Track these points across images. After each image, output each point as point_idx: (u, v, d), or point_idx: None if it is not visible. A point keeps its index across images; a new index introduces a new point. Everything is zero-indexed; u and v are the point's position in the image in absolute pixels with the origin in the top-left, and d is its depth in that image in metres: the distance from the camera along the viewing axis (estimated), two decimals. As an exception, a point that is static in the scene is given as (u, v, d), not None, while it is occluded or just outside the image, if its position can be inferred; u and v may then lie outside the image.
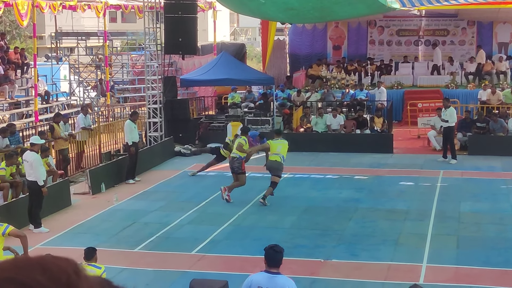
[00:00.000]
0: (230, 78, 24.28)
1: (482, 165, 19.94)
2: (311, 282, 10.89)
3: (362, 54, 32.90)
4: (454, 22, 32.58)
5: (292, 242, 12.95)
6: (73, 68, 31.71)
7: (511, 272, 11.24)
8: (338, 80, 29.00)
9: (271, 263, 7.18)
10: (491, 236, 13.22)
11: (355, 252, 12.38)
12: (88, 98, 30.46)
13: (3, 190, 15.18)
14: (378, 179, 18.61)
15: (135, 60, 35.13)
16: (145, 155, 20.15)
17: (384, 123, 23.73)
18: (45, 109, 27.22)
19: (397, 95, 28.46)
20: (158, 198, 16.86)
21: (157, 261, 12.03)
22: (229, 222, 14.44)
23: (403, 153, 22.28)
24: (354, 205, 15.82)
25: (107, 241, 13.27)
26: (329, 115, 23.47)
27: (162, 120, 23.02)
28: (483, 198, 16.25)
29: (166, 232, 13.85)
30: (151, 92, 23.20)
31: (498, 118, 22.21)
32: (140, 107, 28.17)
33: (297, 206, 15.70)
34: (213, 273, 11.02)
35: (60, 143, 18.95)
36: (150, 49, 23.42)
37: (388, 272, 11.28)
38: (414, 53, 32.48)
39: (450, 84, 28.78)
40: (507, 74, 29.55)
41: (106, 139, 22.17)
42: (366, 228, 13.93)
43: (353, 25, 33.39)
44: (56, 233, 13.90)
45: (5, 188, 15.16)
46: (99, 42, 33.89)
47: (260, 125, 23.71)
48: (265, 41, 32.33)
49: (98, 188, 17.57)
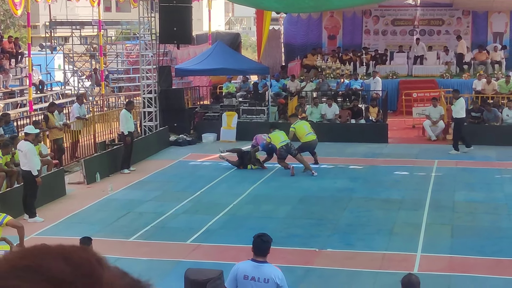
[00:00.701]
0: (225, 68, 24.23)
1: (476, 155, 19.97)
2: (306, 271, 10.92)
3: (357, 43, 32.88)
4: (449, 11, 32.57)
5: (287, 232, 12.99)
6: (68, 58, 31.63)
7: (505, 261, 11.28)
8: (333, 70, 28.99)
9: (258, 252, 7.19)
10: (485, 226, 13.26)
11: (350, 242, 12.41)
12: (82, 87, 30.40)
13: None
14: (373, 169, 18.63)
15: (130, 50, 35.03)
16: (140, 145, 20.14)
17: (379, 113, 23.74)
18: (39, 98, 27.16)
19: (392, 85, 28.46)
20: (153, 187, 16.86)
21: (152, 250, 12.04)
22: (224, 212, 14.46)
23: (398, 142, 22.31)
24: (349, 194, 15.84)
25: (102, 230, 13.28)
26: (324, 105, 23.47)
27: (157, 110, 22.99)
28: (477, 187, 16.28)
29: (161, 222, 13.86)
30: (145, 81, 23.15)
31: (492, 108, 22.23)
32: (134, 96, 28.13)
33: (292, 196, 15.72)
34: (208, 262, 11.03)
35: (54, 133, 18.91)
36: (145, 38, 23.36)
37: (383, 262, 11.31)
38: (409, 43, 32.46)
39: (445, 74, 28.78)
40: (502, 64, 29.57)
41: (100, 129, 22.14)
42: (360, 218, 13.96)
43: (348, 14, 33.35)
44: (51, 223, 13.90)
45: (0, 177, 15.13)
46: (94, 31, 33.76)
47: (255, 115, 23.69)
48: (260, 31, 32.25)
49: (93, 177, 17.56)
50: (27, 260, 1.04)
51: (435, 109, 22.58)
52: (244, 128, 22.83)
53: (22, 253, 1.06)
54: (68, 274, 1.01)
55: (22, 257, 1.05)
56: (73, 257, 1.05)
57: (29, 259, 1.04)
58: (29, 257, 1.04)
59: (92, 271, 1.04)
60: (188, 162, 19.97)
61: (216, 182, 17.32)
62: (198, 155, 20.82)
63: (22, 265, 1.03)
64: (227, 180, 17.62)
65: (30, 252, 1.06)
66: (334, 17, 33.59)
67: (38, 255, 1.05)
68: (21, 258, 1.04)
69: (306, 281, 10.53)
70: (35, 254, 1.05)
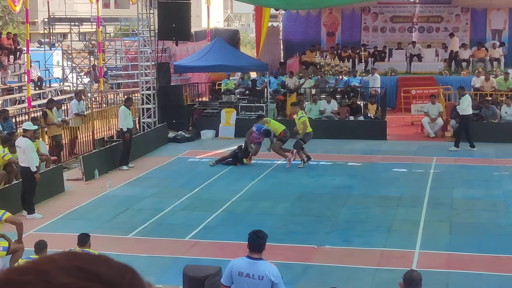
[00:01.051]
0: (223, 65, 24.23)
1: (475, 152, 19.98)
2: (304, 268, 10.93)
3: (356, 40, 32.86)
4: (448, 8, 32.57)
5: (286, 229, 13.00)
6: (66, 54, 31.59)
7: (503, 258, 11.29)
8: (332, 67, 28.97)
9: (253, 248, 7.19)
10: (483, 223, 13.27)
11: (348, 239, 12.42)
12: (81, 84, 30.38)
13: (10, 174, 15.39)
14: (371, 166, 18.64)
15: (129, 46, 35.01)
16: (138, 141, 20.13)
17: (377, 110, 23.75)
18: (38, 95, 27.14)
19: (391, 81, 28.47)
20: (152, 184, 16.86)
21: (150, 247, 12.05)
22: (223, 209, 14.47)
23: (396, 139, 22.31)
24: (347, 191, 15.85)
25: (101, 227, 13.28)
26: (323, 101, 23.47)
27: (156, 106, 22.99)
28: (476, 184, 16.30)
29: (159, 218, 13.87)
30: (144, 78, 23.14)
31: (490, 105, 22.24)
32: (133, 93, 28.11)
33: (291, 193, 15.73)
34: (206, 259, 11.04)
35: (53, 129, 18.90)
36: (144, 35, 23.34)
37: (381, 258, 11.32)
38: (408, 40, 32.44)
39: (444, 71, 28.79)
40: (501, 61, 29.58)
41: (99, 125, 22.13)
42: (359, 215, 13.97)
43: (347, 11, 33.34)
44: (49, 219, 13.90)
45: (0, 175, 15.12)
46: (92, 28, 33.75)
47: (254, 112, 23.68)
48: (259, 28, 32.25)
49: (92, 174, 17.56)
50: (76, 261, 1.07)
51: (434, 106, 22.58)
52: (242, 125, 22.76)
53: (65, 256, 1.09)
54: (114, 277, 1.06)
55: (68, 258, 1.08)
56: (114, 264, 1.09)
57: (77, 261, 1.07)
58: (76, 259, 1.08)
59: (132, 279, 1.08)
60: (187, 158, 19.98)
61: (215, 178, 17.32)
62: (197, 152, 20.82)
63: (72, 266, 1.06)
64: (225, 177, 17.63)
65: (73, 255, 1.10)
66: (333, 14, 33.57)
67: (82, 257, 1.09)
68: (68, 260, 1.08)
69: (305, 277, 10.54)
70: (79, 257, 1.09)
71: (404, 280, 7.12)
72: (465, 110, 20.31)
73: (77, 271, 1.05)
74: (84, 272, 1.05)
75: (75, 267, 1.05)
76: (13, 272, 1.05)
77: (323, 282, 10.03)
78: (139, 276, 1.09)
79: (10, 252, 10.48)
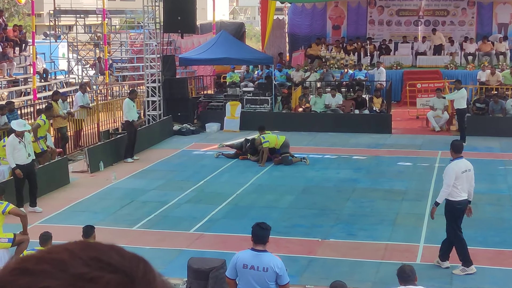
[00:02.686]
0: (229, 57, 24.21)
1: (480, 146, 19.94)
2: (309, 261, 10.95)
3: (361, 34, 32.78)
4: (454, 2, 32.45)
5: (290, 222, 13.01)
6: (72, 46, 31.62)
7: (508, 252, 11.30)
8: (337, 60, 28.91)
9: (257, 240, 7.21)
10: (488, 217, 13.27)
11: (353, 232, 12.43)
12: (86, 76, 30.40)
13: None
14: (376, 159, 18.63)
15: (134, 39, 35.02)
16: (143, 134, 20.14)
17: (383, 104, 23.72)
18: (43, 87, 27.17)
19: (396, 75, 28.42)
20: (157, 177, 16.89)
21: (155, 239, 12.08)
22: (227, 202, 14.49)
23: (401, 133, 22.29)
24: (352, 185, 15.85)
25: (106, 219, 13.32)
26: (328, 95, 23.44)
27: (161, 99, 23.00)
28: (480, 178, 16.17)
29: (164, 211, 13.90)
30: (149, 70, 23.15)
31: (499, 100, 22.19)
32: (138, 85, 28.13)
33: (295, 186, 15.74)
34: (210, 251, 11.07)
35: (58, 121, 18.91)
36: (149, 27, 23.34)
37: (385, 252, 11.33)
38: (414, 33, 32.37)
39: (450, 65, 28.72)
40: (507, 55, 29.49)
41: (104, 118, 22.16)
42: (363, 208, 13.97)
43: (353, 4, 33.27)
44: (54, 211, 13.94)
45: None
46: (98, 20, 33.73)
47: (259, 105, 23.68)
48: (265, 21, 32.20)
49: (97, 166, 17.59)
50: (90, 251, 1.07)
51: (439, 100, 22.53)
52: (247, 118, 22.83)
53: (80, 245, 1.09)
54: (128, 267, 1.06)
55: (83, 248, 1.08)
56: (126, 255, 1.09)
57: (92, 251, 1.07)
58: (90, 249, 1.08)
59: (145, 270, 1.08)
60: (192, 151, 20.00)
61: (220, 171, 17.34)
62: (202, 145, 20.84)
63: (87, 256, 1.06)
64: (230, 169, 17.64)
65: (86, 245, 1.09)
66: (338, 7, 33.50)
67: (96, 247, 1.09)
68: (83, 250, 1.07)
69: (309, 270, 10.56)
70: (93, 247, 1.09)
71: (397, 275, 7.26)
72: (460, 103, 20.26)
73: (92, 261, 1.05)
74: (99, 261, 1.05)
75: (90, 257, 1.05)
76: (28, 261, 1.05)
77: (327, 275, 10.04)
78: (151, 266, 1.10)
79: (15, 243, 10.53)
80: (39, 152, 16.03)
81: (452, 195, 10.39)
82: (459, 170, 10.28)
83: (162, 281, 1.10)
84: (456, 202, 10.38)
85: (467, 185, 10.35)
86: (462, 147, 10.80)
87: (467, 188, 10.39)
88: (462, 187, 10.29)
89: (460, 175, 10.25)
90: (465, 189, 10.35)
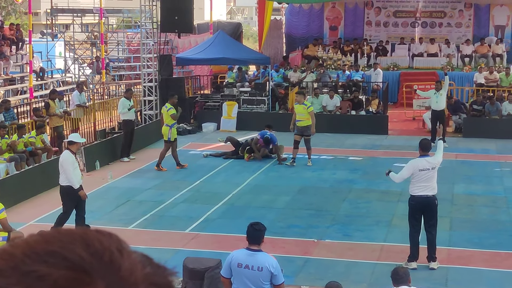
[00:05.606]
0: (226, 57, 24.20)
1: (476, 148, 19.97)
2: (305, 261, 10.95)
3: (358, 35, 32.81)
4: (451, 4, 32.50)
5: (286, 222, 13.01)
6: (69, 45, 31.59)
7: (503, 254, 11.31)
8: (334, 61, 28.94)
9: (252, 240, 7.22)
10: (483, 218, 13.29)
11: (349, 233, 12.43)
12: (83, 75, 30.37)
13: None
14: (372, 160, 18.63)
15: (131, 38, 34.98)
16: (140, 133, 20.12)
17: (379, 105, 23.73)
18: (40, 85, 27.14)
19: (393, 76, 28.44)
20: (153, 176, 16.87)
21: (151, 239, 12.07)
22: (223, 201, 14.48)
23: (398, 134, 22.31)
24: (348, 186, 15.86)
25: (102, 218, 13.30)
26: (325, 96, 23.44)
27: (157, 99, 22.98)
28: (476, 180, 16.30)
29: (160, 211, 13.88)
30: (146, 70, 23.13)
31: (495, 101, 22.21)
32: (135, 85, 28.11)
33: (292, 186, 15.73)
34: (206, 251, 11.06)
35: (55, 120, 18.90)
36: (146, 27, 23.31)
37: (381, 253, 11.34)
38: (411, 35, 32.40)
39: (446, 66, 28.74)
40: (503, 57, 29.55)
41: (101, 117, 22.13)
42: (359, 209, 13.98)
43: (350, 5, 33.29)
44: (50, 210, 13.88)
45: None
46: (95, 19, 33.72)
47: (256, 105, 23.67)
48: (262, 21, 32.21)
49: (93, 165, 17.57)
50: (51, 245, 1.01)
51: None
52: (244, 118, 22.83)
53: (45, 238, 1.03)
54: (87, 262, 0.99)
55: (46, 241, 1.02)
56: (94, 244, 1.02)
57: (54, 245, 1.01)
58: (53, 243, 1.02)
59: (111, 259, 1.01)
60: (188, 151, 19.98)
61: (216, 171, 17.33)
62: (198, 145, 20.83)
63: (45, 250, 1.00)
64: (226, 169, 17.64)
65: (53, 237, 1.03)
66: (336, 8, 33.52)
67: (62, 240, 1.02)
68: (46, 243, 1.02)
69: (304, 271, 10.56)
70: (59, 240, 1.02)
71: (391, 277, 7.32)
72: (436, 106, 20.20)
73: (48, 256, 0.99)
74: (55, 257, 0.99)
75: (47, 252, 0.99)
76: None
77: (323, 275, 10.04)
78: (120, 259, 1.02)
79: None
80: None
81: (409, 189, 10.72)
82: (417, 167, 10.48)
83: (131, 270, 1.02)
84: (411, 197, 10.64)
85: (426, 182, 10.50)
86: (430, 145, 11.11)
87: (429, 186, 10.55)
88: (419, 184, 10.47)
89: (417, 172, 10.46)
90: (423, 187, 10.48)
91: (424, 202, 10.51)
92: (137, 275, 1.03)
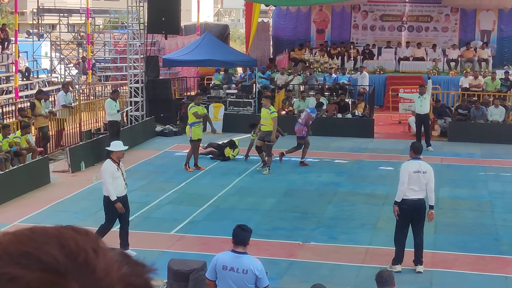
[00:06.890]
0: (213, 59, 24.19)
1: (461, 152, 20.06)
2: (289, 264, 10.95)
3: (345, 38, 32.90)
4: (438, 8, 32.66)
5: (271, 224, 13.01)
6: (55, 45, 31.45)
7: (487, 258, 11.36)
8: (321, 64, 29.00)
9: (238, 242, 7.21)
10: (468, 222, 13.34)
11: (334, 235, 12.45)
12: (69, 75, 30.24)
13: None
14: (358, 164, 18.68)
15: (118, 39, 34.89)
16: (126, 135, 20.05)
17: (365, 108, 23.77)
18: (25, 85, 27.00)
19: (379, 80, 28.52)
20: (139, 177, 16.81)
21: (136, 240, 12.01)
22: (209, 203, 14.46)
23: (383, 138, 22.37)
24: (334, 188, 15.88)
25: (86, 219, 13.24)
26: (312, 99, 23.46)
27: (144, 100, 22.92)
28: (461, 184, 16.36)
29: (145, 212, 13.85)
30: (133, 71, 23.07)
31: (480, 106, 22.33)
32: (121, 86, 28.03)
33: (277, 189, 15.73)
34: (191, 253, 11.05)
35: (40, 121, 18.82)
36: (133, 28, 23.26)
37: (366, 256, 11.36)
38: (397, 39, 32.52)
39: (432, 71, 28.87)
40: (489, 62, 29.71)
41: (86, 117, 22.04)
42: (345, 212, 14.00)
43: (337, 9, 33.36)
44: (34, 211, 13.83)
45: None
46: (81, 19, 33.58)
47: (242, 107, 23.66)
48: (249, 23, 32.22)
49: (78, 166, 17.49)
50: (24, 246, 0.98)
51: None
52: (230, 120, 22.82)
53: (19, 238, 1.01)
54: (62, 264, 0.97)
55: (19, 241, 1.00)
56: (68, 244, 1.00)
57: (26, 245, 0.98)
58: (26, 243, 0.99)
59: (86, 260, 0.99)
60: (174, 152, 19.94)
61: (201, 173, 17.31)
62: (184, 146, 20.74)
63: (19, 252, 0.98)
64: (212, 171, 17.62)
65: (27, 237, 1.01)
66: (323, 11, 33.59)
67: (35, 240, 1.00)
68: (19, 243, 0.99)
69: (289, 273, 10.56)
70: (32, 240, 1.00)
71: (376, 280, 7.33)
72: (420, 109, 20.25)
73: (22, 257, 0.96)
74: (29, 258, 0.96)
75: (21, 253, 0.97)
76: None
77: (308, 278, 10.04)
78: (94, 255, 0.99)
79: None
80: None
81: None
82: (411, 170, 10.56)
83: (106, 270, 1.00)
84: (402, 201, 10.58)
85: (417, 185, 10.54)
86: (421, 148, 11.39)
87: (420, 189, 10.59)
88: (411, 187, 10.51)
89: (411, 174, 10.53)
90: (416, 190, 10.54)
91: (416, 205, 10.54)
92: (113, 276, 1.00)
